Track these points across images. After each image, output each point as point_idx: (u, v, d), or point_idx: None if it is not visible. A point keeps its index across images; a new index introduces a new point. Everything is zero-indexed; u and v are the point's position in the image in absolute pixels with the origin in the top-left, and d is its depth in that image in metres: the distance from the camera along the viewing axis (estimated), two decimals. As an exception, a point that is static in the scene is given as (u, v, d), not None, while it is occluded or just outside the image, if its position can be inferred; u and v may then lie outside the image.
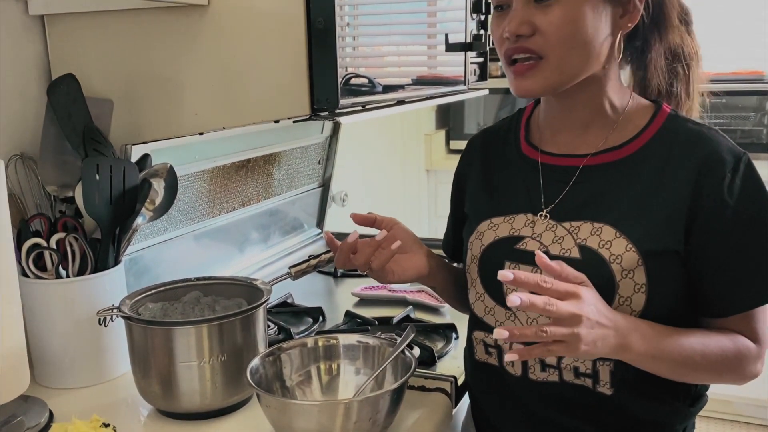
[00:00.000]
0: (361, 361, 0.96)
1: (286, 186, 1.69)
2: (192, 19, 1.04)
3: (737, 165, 0.83)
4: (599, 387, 0.87)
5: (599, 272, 0.83)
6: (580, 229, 0.87)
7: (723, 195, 0.82)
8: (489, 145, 1.03)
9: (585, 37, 0.83)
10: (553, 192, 0.91)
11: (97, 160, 1.03)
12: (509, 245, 0.91)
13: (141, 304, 1.00)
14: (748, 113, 2.65)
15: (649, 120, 0.89)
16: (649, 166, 0.86)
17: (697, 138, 0.86)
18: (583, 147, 0.91)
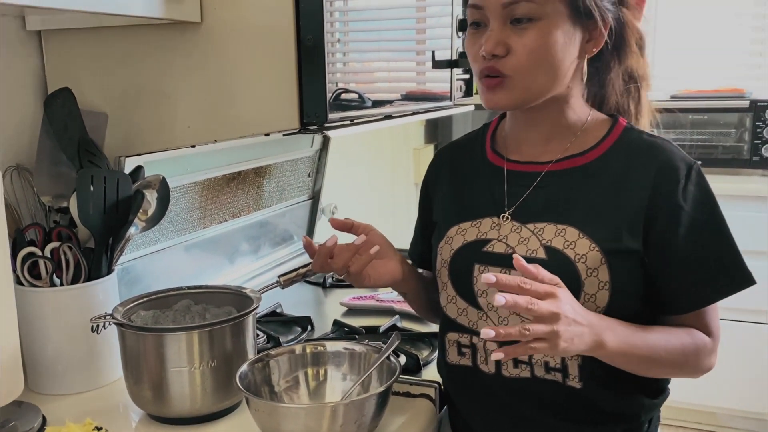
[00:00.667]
0: (347, 367, 0.99)
1: (277, 198, 1.72)
2: (185, 35, 1.07)
3: (690, 172, 0.90)
4: (569, 381, 0.91)
5: (565, 271, 0.87)
6: (545, 231, 0.92)
7: (678, 200, 0.89)
8: (456, 156, 1.08)
9: (554, 60, 0.89)
10: (516, 195, 0.96)
11: (92, 172, 1.06)
12: (477, 248, 0.96)
13: (133, 311, 1.03)
14: (729, 129, 2.71)
15: (607, 132, 0.96)
16: (609, 173, 0.92)
17: (654, 148, 0.92)
18: (545, 155, 0.97)
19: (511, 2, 0.87)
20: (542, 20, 0.87)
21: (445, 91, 1.45)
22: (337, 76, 1.10)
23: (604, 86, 0.99)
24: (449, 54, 1.41)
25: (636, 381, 0.93)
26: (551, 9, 0.87)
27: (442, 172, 1.08)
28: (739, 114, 2.68)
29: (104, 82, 1.15)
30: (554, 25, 0.87)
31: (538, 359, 0.92)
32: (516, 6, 0.87)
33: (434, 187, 1.09)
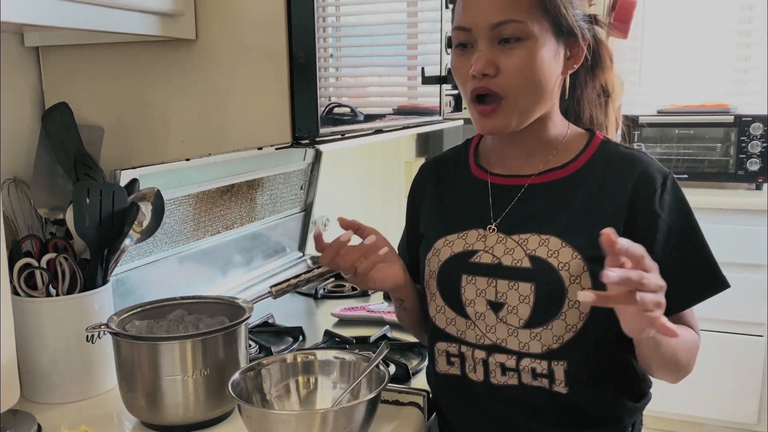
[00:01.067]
0: (337, 375, 1.01)
1: (269, 210, 1.74)
2: (181, 52, 1.10)
3: (665, 182, 0.94)
4: (555, 387, 0.94)
5: (549, 279, 0.91)
6: (529, 241, 0.95)
7: (655, 208, 0.92)
8: (441, 170, 1.11)
9: (542, 77, 0.92)
10: (501, 207, 0.99)
11: (88, 184, 1.08)
12: (465, 259, 0.98)
13: (128, 321, 1.04)
14: (715, 144, 2.76)
15: (585, 145, 1.00)
16: (589, 184, 0.96)
17: (630, 159, 0.97)
18: (527, 169, 1.00)
19: (499, 23, 0.90)
20: (529, 40, 0.90)
21: (435, 106, 1.49)
22: (330, 90, 1.13)
23: (581, 101, 1.03)
24: (438, 70, 1.44)
25: (619, 385, 0.97)
26: (537, 28, 0.90)
27: (427, 185, 1.11)
28: (724, 129, 2.73)
29: (101, 96, 1.18)
30: (541, 44, 0.91)
31: (525, 365, 0.94)
32: (504, 26, 0.90)
33: (420, 200, 1.12)
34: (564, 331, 0.92)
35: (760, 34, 2.98)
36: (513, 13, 0.89)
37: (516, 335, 0.95)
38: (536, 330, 0.93)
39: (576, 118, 1.05)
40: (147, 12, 0.99)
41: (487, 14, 0.90)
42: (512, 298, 0.94)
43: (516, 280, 0.94)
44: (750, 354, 2.59)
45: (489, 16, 0.90)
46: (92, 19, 0.91)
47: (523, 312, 0.94)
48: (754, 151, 2.68)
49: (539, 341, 0.93)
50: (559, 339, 0.93)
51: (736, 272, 2.46)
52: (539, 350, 0.94)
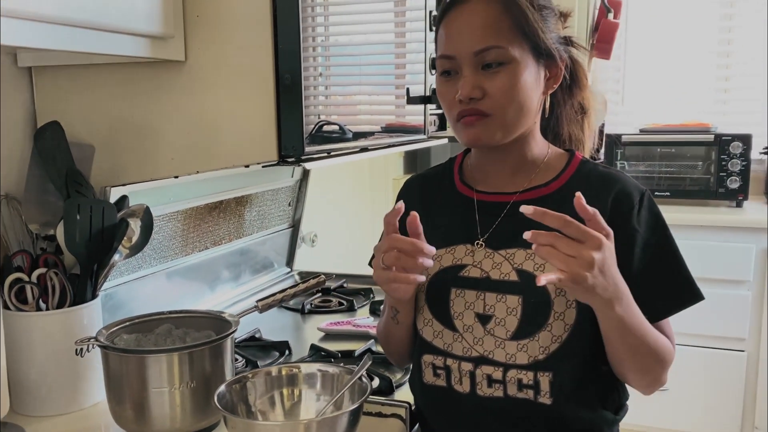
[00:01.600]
0: (321, 387, 1.03)
1: (257, 226, 1.77)
2: (170, 73, 1.13)
3: (642, 199, 0.99)
4: (540, 398, 0.97)
5: (536, 291, 0.95)
6: (516, 255, 0.99)
7: (633, 223, 0.98)
8: (426, 187, 1.14)
9: (525, 98, 0.97)
10: (487, 224, 1.03)
11: (79, 201, 1.11)
12: (454, 273, 1.02)
13: (116, 335, 1.07)
14: (696, 162, 2.81)
15: (566, 164, 1.05)
16: (571, 202, 0.97)
17: (609, 178, 1.02)
18: (511, 186, 1.04)
19: (482, 50, 0.95)
20: (511, 63, 0.95)
21: (421, 125, 1.52)
22: (320, 108, 1.16)
23: (560, 119, 1.08)
24: (423, 90, 1.48)
25: (600, 396, 1.00)
26: (518, 52, 0.95)
27: (413, 201, 1.13)
28: (705, 147, 2.78)
29: (92, 115, 1.20)
30: (522, 67, 0.96)
31: (512, 377, 0.97)
32: (486, 53, 0.95)
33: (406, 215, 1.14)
34: (550, 342, 0.96)
35: (739, 55, 3.05)
36: (494, 39, 0.94)
37: (503, 347, 0.98)
38: (523, 341, 0.97)
39: (555, 136, 1.10)
40: (138, 35, 1.02)
41: (470, 42, 0.95)
42: (500, 310, 0.98)
43: (504, 292, 0.98)
44: (732, 369, 2.63)
45: (472, 44, 0.95)
46: (85, 41, 0.94)
47: (510, 324, 0.97)
48: (734, 170, 2.73)
49: (526, 352, 0.97)
50: (546, 350, 0.96)
51: (718, 288, 2.55)
52: (526, 361, 0.97)
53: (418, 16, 1.45)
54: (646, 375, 0.99)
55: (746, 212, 2.68)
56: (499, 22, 0.95)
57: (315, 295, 1.78)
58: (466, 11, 0.97)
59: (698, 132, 2.83)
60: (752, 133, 2.76)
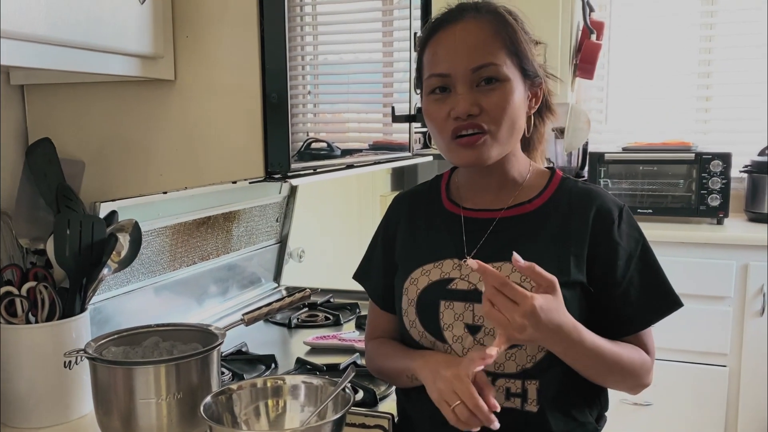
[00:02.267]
0: (305, 399, 1.05)
1: (245, 242, 1.79)
2: (160, 91, 1.15)
3: (621, 213, 1.05)
4: (527, 406, 1.00)
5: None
6: (502, 268, 1.02)
7: (615, 237, 1.03)
8: (414, 204, 1.17)
9: (516, 115, 1.02)
10: (475, 239, 1.06)
11: (69, 216, 1.13)
12: (442, 286, 1.05)
13: (104, 347, 1.08)
14: (678, 180, 2.86)
15: (547, 182, 1.09)
16: (554, 217, 1.05)
17: (589, 194, 1.07)
18: (497, 203, 1.08)
19: (479, 66, 0.99)
20: (505, 81, 1.00)
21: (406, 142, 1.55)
22: (308, 126, 1.18)
23: (537, 138, 1.13)
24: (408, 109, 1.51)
25: (582, 405, 1.04)
26: (510, 71, 1.00)
27: (401, 217, 1.17)
28: (686, 165, 2.83)
29: (83, 132, 1.22)
30: (513, 85, 1.00)
31: (500, 385, 1.00)
32: (483, 69, 0.99)
33: (395, 230, 1.17)
34: (536, 351, 1.00)
35: (719, 76, 3.12)
36: (490, 57, 0.99)
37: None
38: (511, 350, 1.00)
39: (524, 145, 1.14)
40: (129, 55, 1.04)
41: (466, 60, 0.99)
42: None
43: None
44: (714, 384, 2.66)
45: (469, 62, 0.99)
46: (76, 61, 0.96)
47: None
48: (715, 188, 2.78)
49: (514, 361, 1.00)
50: (533, 358, 1.00)
51: (700, 304, 2.59)
52: (514, 370, 1.00)
53: (404, 36, 1.48)
54: (620, 384, 1.04)
55: (727, 229, 2.73)
56: (493, 40, 0.99)
57: (302, 309, 1.80)
58: (459, 30, 1.00)
59: (679, 150, 2.88)
60: (732, 151, 2.80)
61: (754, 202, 2.85)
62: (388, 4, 1.51)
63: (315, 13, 1.24)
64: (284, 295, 1.88)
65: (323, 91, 1.27)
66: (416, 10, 1.50)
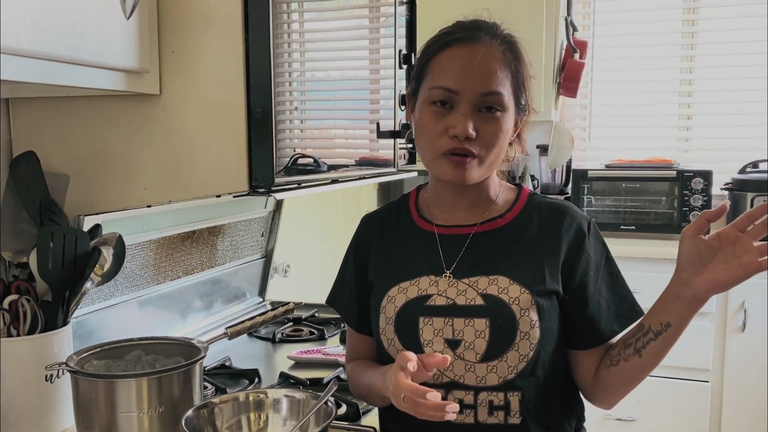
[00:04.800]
0: (287, 412, 1.05)
1: (230, 256, 1.79)
2: (145, 106, 1.16)
3: (590, 227, 1.08)
4: (510, 419, 1.01)
5: (503, 313, 1.00)
6: (479, 282, 1.03)
7: (587, 249, 1.06)
8: (383, 224, 1.16)
9: (503, 144, 1.05)
10: (452, 255, 1.07)
11: (52, 229, 1.13)
12: (420, 303, 1.05)
13: (86, 361, 1.08)
14: (660, 197, 2.89)
15: (516, 198, 1.12)
16: (527, 230, 1.07)
17: (558, 209, 1.09)
18: (470, 219, 1.10)
19: (488, 93, 1.00)
20: (505, 111, 1.02)
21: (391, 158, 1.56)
22: (295, 141, 1.19)
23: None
24: (392, 125, 1.53)
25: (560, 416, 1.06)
26: (510, 103, 1.02)
27: (372, 237, 1.16)
28: (668, 183, 2.87)
29: (67, 146, 1.22)
30: (508, 116, 1.03)
31: (483, 399, 1.01)
32: (490, 97, 1.00)
33: (367, 250, 1.16)
34: (518, 362, 1.00)
35: (700, 95, 3.16)
36: (500, 86, 1.01)
37: (473, 370, 1.01)
38: (492, 363, 1.00)
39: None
40: (114, 69, 1.04)
41: (479, 83, 1.00)
42: (468, 334, 1.01)
43: (471, 316, 1.01)
44: (696, 398, 2.67)
45: (481, 86, 1.00)
46: (61, 75, 0.96)
47: (479, 346, 1.00)
48: (696, 204, 2.81)
49: (496, 373, 1.01)
50: (514, 369, 1.00)
51: (682, 319, 2.60)
52: (496, 382, 1.00)
53: (389, 54, 1.50)
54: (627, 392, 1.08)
55: (708, 246, 2.75)
56: (503, 70, 1.01)
57: (286, 324, 1.80)
58: (475, 51, 1.00)
59: (661, 168, 2.91)
60: (713, 169, 2.84)
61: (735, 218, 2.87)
62: (374, 22, 1.53)
63: (302, 30, 1.25)
64: (269, 310, 1.89)
65: (310, 107, 1.27)
66: (401, 29, 1.52)
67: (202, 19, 1.11)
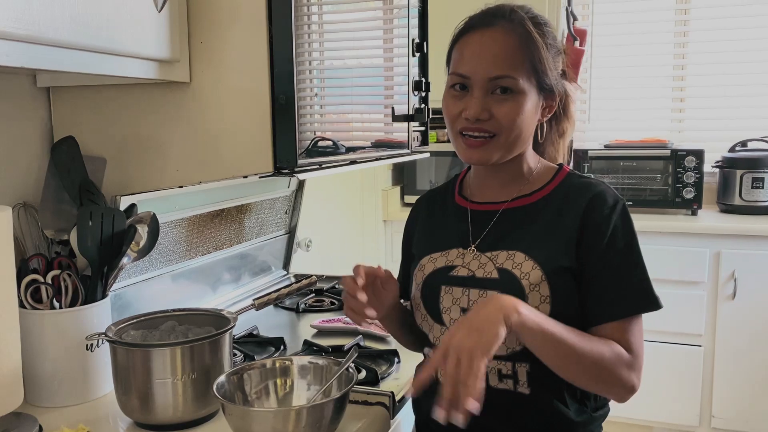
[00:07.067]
0: (311, 378, 1.03)
1: (256, 233, 1.76)
2: (176, 93, 1.13)
3: (615, 205, 0.98)
4: (519, 387, 0.97)
5: (513, 286, 0.96)
6: (499, 256, 1.00)
7: (601, 226, 0.97)
8: (431, 202, 1.17)
9: (525, 125, 0.99)
10: (479, 230, 1.05)
11: (91, 209, 1.11)
12: (445, 273, 1.03)
13: (124, 331, 1.06)
14: (655, 175, 2.83)
15: (552, 177, 1.05)
16: (550, 209, 1.01)
17: (586, 186, 1.02)
18: (502, 196, 1.06)
19: (497, 77, 0.96)
20: (519, 93, 0.97)
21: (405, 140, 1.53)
22: (315, 125, 1.16)
23: (545, 142, 1.09)
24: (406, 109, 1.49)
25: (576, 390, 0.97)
26: (526, 85, 0.97)
27: (420, 214, 1.17)
28: (663, 161, 2.80)
29: (104, 131, 1.20)
30: (527, 98, 0.97)
31: (492, 367, 0.97)
32: (500, 80, 0.96)
33: (414, 227, 1.17)
34: None
35: (692, 79, 3.09)
36: (509, 70, 0.96)
37: None
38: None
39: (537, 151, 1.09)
40: (147, 59, 1.02)
41: (487, 68, 0.96)
42: None
43: (485, 288, 0.98)
44: (690, 362, 2.64)
45: (488, 70, 0.96)
46: (99, 65, 0.95)
47: None
48: (689, 181, 2.75)
49: (504, 344, 0.93)
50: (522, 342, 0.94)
51: (676, 289, 2.57)
52: (504, 352, 0.96)
53: (403, 43, 1.46)
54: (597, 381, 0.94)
55: (700, 220, 2.70)
56: (515, 54, 0.96)
57: (309, 295, 1.78)
58: (487, 37, 0.97)
59: (656, 147, 2.85)
60: (704, 148, 2.78)
61: (726, 194, 2.82)
62: (388, 13, 1.49)
63: (321, 21, 1.22)
64: (292, 282, 1.87)
65: (329, 93, 1.25)
66: (414, 19, 1.48)
67: (228, 11, 1.09)
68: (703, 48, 3.04)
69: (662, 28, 3.08)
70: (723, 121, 3.02)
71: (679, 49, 3.09)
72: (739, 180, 2.75)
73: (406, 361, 1.27)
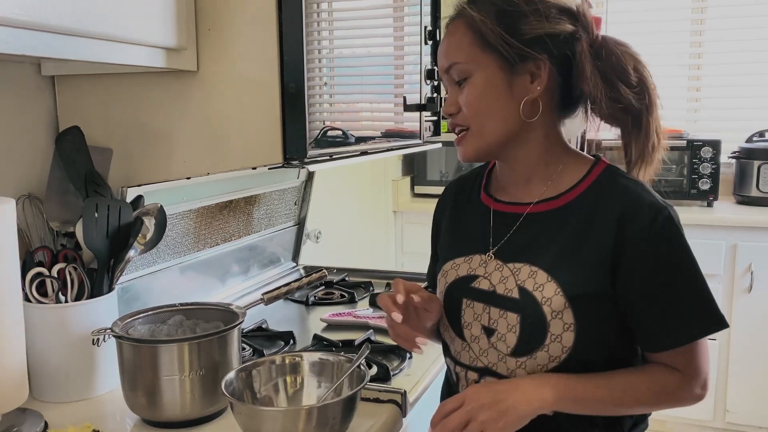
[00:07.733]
0: (322, 375, 1.00)
1: (265, 224, 1.74)
2: (183, 82, 1.10)
3: (656, 217, 0.85)
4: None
5: (534, 311, 0.88)
6: (521, 271, 0.90)
7: (641, 243, 0.84)
8: (459, 193, 1.07)
9: (495, 106, 0.89)
10: (500, 235, 0.95)
11: (97, 200, 1.08)
12: (466, 283, 0.96)
13: (131, 326, 1.04)
14: (671, 166, 2.78)
15: (586, 173, 0.92)
16: (578, 217, 0.89)
17: (622, 193, 0.88)
18: (527, 196, 0.95)
19: (448, 67, 0.93)
20: (472, 77, 0.89)
21: (417, 130, 1.49)
22: (324, 115, 1.13)
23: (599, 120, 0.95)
24: (418, 99, 1.45)
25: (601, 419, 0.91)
26: (480, 65, 0.89)
27: (447, 206, 1.08)
28: (679, 152, 2.76)
29: (110, 121, 1.18)
30: (485, 78, 0.89)
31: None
32: (451, 69, 0.92)
33: (441, 220, 1.09)
34: (548, 361, 0.88)
35: (709, 68, 3.03)
36: (455, 56, 0.91)
37: (504, 361, 0.91)
38: (521, 359, 0.89)
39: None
40: (154, 47, 1.00)
41: (441, 61, 0.94)
42: (502, 325, 0.91)
43: (505, 309, 0.91)
44: (703, 356, 2.60)
45: (442, 63, 0.94)
46: (104, 53, 0.92)
47: (510, 340, 0.90)
48: (705, 173, 2.71)
49: (524, 370, 0.89)
50: (543, 368, 0.88)
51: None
52: None
53: (414, 31, 1.42)
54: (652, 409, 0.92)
55: (716, 211, 2.66)
56: (462, 39, 0.91)
57: (318, 288, 1.76)
58: (445, 35, 0.95)
59: (672, 138, 2.80)
60: (721, 138, 2.73)
61: (742, 185, 2.77)
62: (398, 1, 1.45)
63: (331, 9, 1.18)
64: (302, 275, 1.84)
65: (338, 82, 1.21)
66: (426, 6, 1.45)
67: (237, -2, 1.05)
68: (720, 36, 2.98)
69: (678, 16, 3.02)
70: (740, 111, 2.97)
71: (696, 37, 3.03)
72: (756, 171, 2.70)
73: (417, 357, 1.24)
